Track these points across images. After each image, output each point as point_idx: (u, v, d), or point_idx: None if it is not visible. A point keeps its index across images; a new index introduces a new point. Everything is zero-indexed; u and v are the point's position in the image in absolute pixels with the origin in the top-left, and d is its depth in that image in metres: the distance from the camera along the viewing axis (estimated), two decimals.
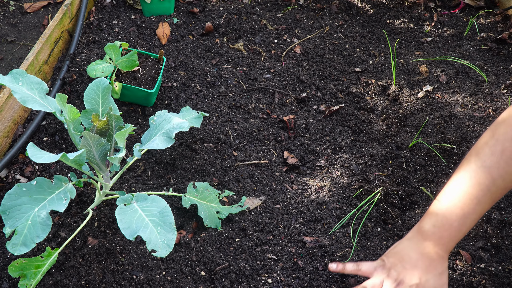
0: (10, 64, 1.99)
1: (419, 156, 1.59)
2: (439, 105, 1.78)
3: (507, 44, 2.10)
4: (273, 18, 2.21)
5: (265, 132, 1.70)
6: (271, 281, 1.26)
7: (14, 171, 1.49)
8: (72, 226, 1.34)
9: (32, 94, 1.13)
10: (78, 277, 1.22)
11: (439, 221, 1.10)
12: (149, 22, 2.07)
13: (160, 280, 1.24)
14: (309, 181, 1.55)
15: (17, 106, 1.60)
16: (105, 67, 1.59)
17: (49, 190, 1.07)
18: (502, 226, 1.40)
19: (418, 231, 1.14)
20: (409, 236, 1.17)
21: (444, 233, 1.10)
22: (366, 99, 1.85)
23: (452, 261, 1.32)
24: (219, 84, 1.86)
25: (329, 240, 1.37)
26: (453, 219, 1.08)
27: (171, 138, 1.14)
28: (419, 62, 2.02)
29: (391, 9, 2.33)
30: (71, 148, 1.55)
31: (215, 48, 2.01)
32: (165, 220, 1.06)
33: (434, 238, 1.11)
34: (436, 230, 1.11)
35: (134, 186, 1.46)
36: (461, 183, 1.09)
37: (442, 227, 1.10)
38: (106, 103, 1.26)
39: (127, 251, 1.28)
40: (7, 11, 2.23)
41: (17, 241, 1.00)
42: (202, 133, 1.64)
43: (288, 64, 1.98)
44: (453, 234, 1.09)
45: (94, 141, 1.14)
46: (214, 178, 1.51)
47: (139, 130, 1.63)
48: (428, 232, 1.12)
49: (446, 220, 1.09)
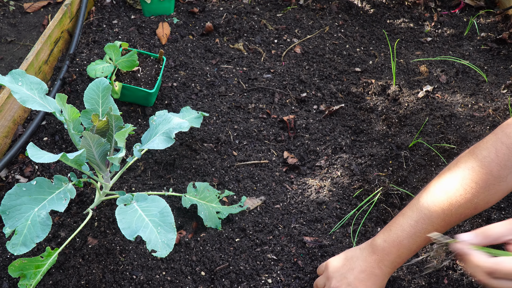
0: (10, 64, 1.99)
1: (419, 156, 1.59)
2: (439, 105, 1.78)
3: (507, 44, 2.10)
4: (273, 18, 2.21)
5: (265, 132, 1.70)
6: (271, 281, 1.26)
7: (14, 171, 1.49)
8: (72, 226, 1.34)
9: (32, 94, 1.13)
10: (78, 277, 1.22)
11: (390, 237, 1.10)
12: (149, 22, 2.07)
13: (160, 280, 1.24)
14: (309, 181, 1.55)
15: (17, 106, 1.60)
16: (105, 67, 1.59)
17: (49, 190, 1.07)
18: None
19: (371, 243, 1.15)
20: (362, 247, 1.17)
21: (392, 249, 1.09)
22: (366, 99, 1.85)
23: (452, 261, 1.32)
24: (219, 84, 1.86)
25: (329, 240, 1.37)
26: (403, 237, 1.07)
27: (171, 138, 1.14)
28: (419, 62, 2.02)
29: (391, 9, 2.33)
30: (71, 148, 1.55)
31: (215, 48, 2.01)
32: (165, 220, 1.06)
33: (382, 254, 1.10)
34: (385, 246, 1.10)
35: (134, 186, 1.46)
36: (423, 199, 1.08)
37: (391, 243, 1.09)
38: (106, 103, 1.26)
39: (127, 251, 1.28)
40: (7, 11, 2.23)
41: (17, 241, 1.00)
42: (202, 133, 1.64)
43: (288, 64, 1.98)
44: (400, 251, 1.08)
45: (94, 141, 1.13)
46: (214, 178, 1.51)
47: (139, 130, 1.63)
48: (378, 247, 1.11)
49: (397, 236, 1.09)
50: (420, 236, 1.06)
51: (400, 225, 1.09)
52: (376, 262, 1.11)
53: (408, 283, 1.27)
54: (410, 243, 1.07)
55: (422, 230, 1.06)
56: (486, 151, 1.02)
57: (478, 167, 1.02)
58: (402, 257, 1.09)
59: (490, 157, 1.00)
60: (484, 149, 1.02)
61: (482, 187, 1.01)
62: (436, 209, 1.05)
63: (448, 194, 1.04)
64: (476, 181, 1.01)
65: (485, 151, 1.02)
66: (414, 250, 1.08)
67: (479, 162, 1.02)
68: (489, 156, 1.00)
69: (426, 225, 1.05)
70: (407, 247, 1.08)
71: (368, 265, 1.12)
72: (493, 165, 1.00)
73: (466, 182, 1.02)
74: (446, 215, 1.04)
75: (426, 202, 1.06)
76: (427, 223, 1.05)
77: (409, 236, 1.07)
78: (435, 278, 1.28)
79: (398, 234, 1.09)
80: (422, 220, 1.06)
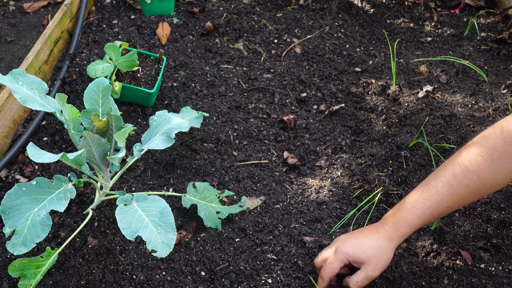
0: (10, 64, 1.99)
1: (419, 156, 1.59)
2: (439, 105, 1.78)
3: (507, 44, 2.10)
4: (273, 18, 2.21)
5: (265, 132, 1.70)
6: (271, 281, 1.26)
7: (14, 171, 1.49)
8: (72, 226, 1.34)
9: (32, 94, 1.13)
10: (78, 277, 1.22)
11: (396, 206, 1.19)
12: (149, 22, 2.07)
13: (160, 280, 1.24)
14: (309, 181, 1.55)
15: (17, 106, 1.60)
16: (105, 67, 1.59)
17: (49, 190, 1.07)
18: (502, 226, 1.40)
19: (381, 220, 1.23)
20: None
21: (396, 213, 1.17)
22: (366, 99, 1.85)
23: (452, 261, 1.32)
24: (219, 84, 1.86)
25: (329, 240, 1.37)
26: (407, 202, 1.16)
27: (171, 138, 1.14)
28: (419, 62, 2.02)
29: (391, 9, 2.33)
30: (71, 148, 1.55)
31: (215, 48, 2.01)
32: (165, 220, 1.06)
33: (388, 219, 1.19)
34: (392, 212, 1.19)
35: (134, 186, 1.46)
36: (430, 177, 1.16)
37: (396, 209, 1.18)
38: (106, 103, 1.26)
39: (127, 251, 1.28)
40: (7, 11, 2.23)
41: (17, 241, 1.00)
42: (202, 133, 1.64)
43: (288, 64, 1.98)
44: (403, 215, 1.15)
45: (94, 141, 1.13)
46: (214, 178, 1.51)
47: (139, 130, 1.63)
48: (387, 216, 1.20)
49: (402, 203, 1.18)
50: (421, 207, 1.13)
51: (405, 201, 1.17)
52: (379, 223, 1.20)
53: (408, 283, 1.27)
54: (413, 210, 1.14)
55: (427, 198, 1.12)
56: (492, 129, 1.08)
57: (484, 142, 1.08)
58: (404, 219, 1.15)
59: (495, 133, 1.06)
60: (490, 128, 1.09)
61: (487, 160, 1.05)
62: (441, 180, 1.11)
63: (453, 166, 1.10)
64: (481, 154, 1.06)
65: (491, 129, 1.08)
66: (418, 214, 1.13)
67: (484, 138, 1.08)
68: (494, 133, 1.07)
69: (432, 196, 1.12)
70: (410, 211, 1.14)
71: (372, 226, 1.21)
72: (498, 140, 1.05)
73: (472, 155, 1.08)
74: (451, 185, 1.09)
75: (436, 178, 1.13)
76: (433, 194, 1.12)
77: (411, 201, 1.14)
78: (435, 278, 1.29)
79: (403, 202, 1.17)
80: (434, 196, 1.11)
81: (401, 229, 1.14)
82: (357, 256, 1.16)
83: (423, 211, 1.12)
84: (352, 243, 1.18)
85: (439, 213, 1.12)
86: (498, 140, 1.05)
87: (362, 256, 1.15)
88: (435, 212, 1.12)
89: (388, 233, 1.15)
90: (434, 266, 1.31)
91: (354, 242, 1.18)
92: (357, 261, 1.16)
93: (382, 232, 1.16)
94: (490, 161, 1.05)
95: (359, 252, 1.15)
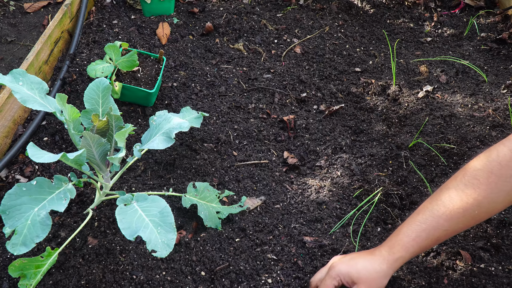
0: (10, 64, 1.99)
1: (419, 156, 1.59)
2: (439, 105, 1.78)
3: (507, 44, 2.10)
4: (273, 18, 2.21)
5: (265, 132, 1.70)
6: (271, 281, 1.26)
7: (14, 171, 1.49)
8: (72, 226, 1.34)
9: (32, 94, 1.13)
10: (78, 277, 1.22)
11: (394, 231, 1.16)
12: (149, 22, 2.07)
13: (160, 280, 1.24)
14: (309, 181, 1.55)
15: (17, 106, 1.60)
16: (105, 67, 1.59)
17: (49, 190, 1.07)
18: (502, 226, 1.40)
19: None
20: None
21: (392, 237, 1.14)
22: (366, 99, 1.85)
23: (452, 261, 1.32)
24: (219, 84, 1.86)
25: (329, 240, 1.37)
26: (403, 225, 1.13)
27: (171, 138, 1.14)
28: (419, 62, 2.02)
29: (391, 9, 2.33)
30: (71, 148, 1.55)
31: (215, 48, 2.01)
32: (165, 220, 1.06)
33: (384, 243, 1.16)
34: (389, 237, 1.16)
35: (134, 186, 1.46)
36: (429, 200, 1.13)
37: (393, 233, 1.15)
38: (106, 103, 1.26)
39: (127, 251, 1.28)
40: (7, 11, 2.23)
41: (17, 241, 1.00)
42: (202, 133, 1.64)
43: (288, 64, 1.98)
44: (399, 238, 1.13)
45: (94, 141, 1.14)
46: (214, 178, 1.51)
47: (139, 130, 1.63)
48: (385, 241, 1.17)
49: (399, 228, 1.15)
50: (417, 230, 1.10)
51: (402, 225, 1.14)
52: (376, 248, 1.17)
53: (408, 283, 1.27)
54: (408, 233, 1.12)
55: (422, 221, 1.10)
56: (488, 152, 1.07)
57: (480, 165, 1.06)
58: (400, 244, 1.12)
59: (491, 156, 1.05)
60: (487, 151, 1.08)
61: (483, 183, 1.04)
62: (437, 203, 1.09)
63: (449, 189, 1.08)
64: (477, 177, 1.06)
65: (488, 152, 1.07)
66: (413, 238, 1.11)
67: (480, 161, 1.07)
68: (491, 156, 1.05)
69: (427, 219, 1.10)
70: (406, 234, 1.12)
71: (368, 250, 1.19)
72: (494, 164, 1.04)
73: (468, 178, 1.07)
74: (447, 208, 1.07)
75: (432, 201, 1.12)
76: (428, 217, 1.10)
77: (407, 228, 1.12)
78: (435, 278, 1.29)
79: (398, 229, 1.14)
80: (430, 219, 1.09)
81: (397, 253, 1.11)
82: (350, 276, 1.13)
83: (418, 234, 1.09)
84: (346, 262, 1.16)
85: (436, 238, 1.09)
86: (494, 163, 1.04)
87: (355, 276, 1.12)
88: (431, 236, 1.09)
89: (383, 256, 1.12)
90: (434, 266, 1.31)
91: (348, 262, 1.16)
92: (349, 281, 1.14)
93: (378, 255, 1.13)
94: (486, 184, 1.04)
95: (352, 272, 1.13)
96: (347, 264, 1.15)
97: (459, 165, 1.56)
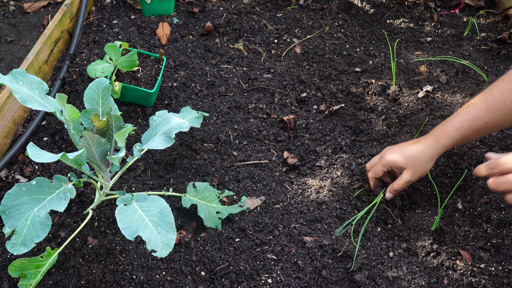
0: (10, 64, 1.99)
1: None
2: (439, 105, 1.78)
3: (507, 44, 2.10)
4: (273, 18, 2.21)
5: (265, 132, 1.70)
6: (271, 281, 1.26)
7: (14, 171, 1.49)
8: (72, 226, 1.34)
9: (32, 94, 1.13)
10: (78, 277, 1.22)
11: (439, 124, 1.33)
12: (149, 22, 2.07)
13: (160, 280, 1.24)
14: (309, 181, 1.55)
15: (17, 106, 1.60)
16: (105, 67, 1.59)
17: (48, 190, 1.07)
18: (502, 226, 1.40)
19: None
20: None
21: (439, 127, 1.32)
22: (366, 99, 1.85)
23: (452, 261, 1.32)
24: (219, 84, 1.86)
25: (329, 240, 1.37)
26: (449, 118, 1.30)
27: (171, 138, 1.14)
28: (419, 62, 2.02)
29: (391, 9, 2.33)
30: (71, 148, 1.55)
31: (215, 48, 2.01)
32: (165, 220, 1.06)
33: (431, 132, 1.34)
34: (435, 128, 1.34)
35: (134, 186, 1.46)
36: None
37: (439, 125, 1.32)
38: (106, 103, 1.26)
39: (127, 251, 1.28)
40: (7, 11, 2.23)
41: (16, 241, 1.00)
42: (202, 133, 1.64)
43: (288, 64, 1.98)
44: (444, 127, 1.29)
45: (94, 141, 1.14)
46: (214, 178, 1.51)
47: (139, 130, 1.63)
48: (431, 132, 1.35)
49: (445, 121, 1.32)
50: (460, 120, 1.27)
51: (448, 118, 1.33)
52: (423, 136, 1.35)
53: (408, 283, 1.27)
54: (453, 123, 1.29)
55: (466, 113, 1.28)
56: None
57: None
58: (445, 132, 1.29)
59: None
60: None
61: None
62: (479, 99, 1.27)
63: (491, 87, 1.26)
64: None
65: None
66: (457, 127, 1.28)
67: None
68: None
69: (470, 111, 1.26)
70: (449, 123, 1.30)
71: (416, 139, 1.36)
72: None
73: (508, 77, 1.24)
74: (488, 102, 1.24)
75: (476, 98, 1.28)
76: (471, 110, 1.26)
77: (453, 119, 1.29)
78: (435, 278, 1.29)
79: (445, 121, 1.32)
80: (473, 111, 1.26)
81: (441, 140, 1.28)
82: (397, 163, 1.33)
83: (462, 124, 1.26)
84: (395, 151, 1.34)
85: (477, 129, 1.23)
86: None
87: (402, 163, 1.32)
88: (473, 127, 1.24)
89: (428, 143, 1.30)
90: (434, 266, 1.31)
91: (397, 151, 1.34)
92: (397, 167, 1.34)
93: (423, 143, 1.31)
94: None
95: (399, 159, 1.32)
96: (395, 154, 1.34)
97: (459, 165, 1.56)
